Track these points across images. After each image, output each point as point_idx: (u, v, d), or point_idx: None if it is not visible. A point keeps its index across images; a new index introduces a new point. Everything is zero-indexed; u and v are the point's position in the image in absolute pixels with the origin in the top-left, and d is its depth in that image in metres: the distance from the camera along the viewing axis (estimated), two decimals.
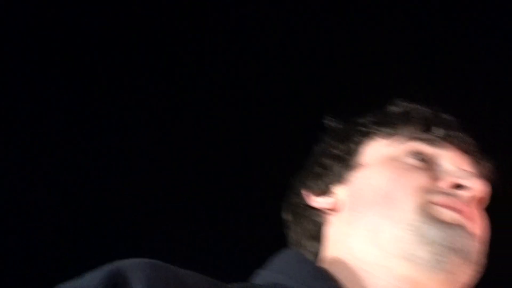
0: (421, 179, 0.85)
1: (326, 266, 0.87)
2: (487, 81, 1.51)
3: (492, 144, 0.96)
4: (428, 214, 0.82)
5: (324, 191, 0.94)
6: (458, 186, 0.85)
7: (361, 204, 0.88)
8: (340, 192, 0.92)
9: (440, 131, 0.91)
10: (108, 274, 0.63)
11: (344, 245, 0.87)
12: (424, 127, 0.92)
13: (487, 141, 0.96)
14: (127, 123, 1.51)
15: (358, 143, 0.94)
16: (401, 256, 0.81)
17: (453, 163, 0.89)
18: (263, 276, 0.86)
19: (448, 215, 0.82)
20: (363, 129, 0.95)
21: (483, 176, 0.92)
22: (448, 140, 0.91)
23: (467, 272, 0.81)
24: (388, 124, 0.93)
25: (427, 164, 0.88)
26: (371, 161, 0.91)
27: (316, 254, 0.94)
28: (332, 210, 0.92)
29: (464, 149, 0.92)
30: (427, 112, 0.94)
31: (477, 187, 0.85)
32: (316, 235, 0.94)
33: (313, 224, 0.94)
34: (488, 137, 0.98)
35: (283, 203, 1.02)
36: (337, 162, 0.94)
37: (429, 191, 0.84)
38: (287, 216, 1.01)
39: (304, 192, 0.96)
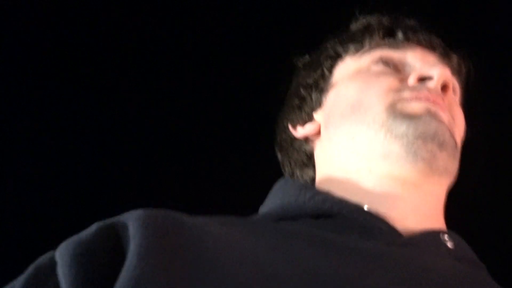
0: (387, 81, 0.87)
1: (319, 185, 0.90)
2: None
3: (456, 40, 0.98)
4: (397, 111, 0.83)
5: (306, 120, 0.97)
6: (425, 79, 0.86)
7: (335, 118, 0.90)
8: (318, 116, 0.95)
9: (402, 34, 0.93)
10: (105, 223, 0.64)
11: (330, 161, 0.90)
12: (387, 34, 0.94)
13: (452, 37, 0.98)
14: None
15: (329, 67, 0.97)
16: (378, 155, 0.82)
17: (418, 61, 0.91)
18: (263, 207, 0.89)
19: (417, 106, 0.83)
20: (331, 52, 0.97)
21: (451, 67, 0.93)
22: (411, 41, 0.93)
23: (445, 157, 0.82)
24: (352, 41, 0.96)
25: (394, 67, 0.90)
26: (341, 78, 0.94)
27: (311, 181, 0.96)
28: (316, 134, 0.94)
29: (429, 46, 0.93)
30: (387, 20, 0.96)
31: (442, 74, 0.86)
32: (307, 163, 0.97)
33: (302, 154, 0.97)
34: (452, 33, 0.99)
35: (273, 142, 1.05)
36: (312, 90, 0.97)
37: (396, 90, 0.85)
38: (278, 154, 1.04)
39: (288, 126, 0.99)
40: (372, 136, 0.83)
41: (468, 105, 0.94)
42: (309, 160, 0.96)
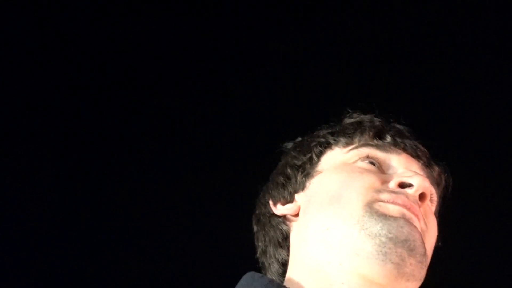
0: (370, 179, 0.91)
1: (290, 273, 0.93)
2: (437, 89, 1.57)
3: (442, 150, 1.03)
4: (374, 210, 0.87)
5: (287, 200, 1.00)
6: (405, 185, 0.91)
7: (314, 205, 0.94)
8: (300, 198, 0.98)
9: (391, 138, 0.98)
10: None
11: (303, 248, 0.93)
12: (377, 135, 0.99)
13: (437, 147, 1.03)
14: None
15: (318, 153, 1.01)
16: (350, 252, 0.86)
17: (401, 166, 0.95)
18: None
19: (393, 209, 0.87)
20: (322, 140, 1.02)
21: (431, 177, 0.98)
22: (398, 146, 0.98)
23: (413, 263, 0.85)
24: (344, 134, 1.01)
25: (378, 167, 0.94)
26: (327, 167, 0.98)
27: (283, 262, 0.99)
28: (295, 216, 0.98)
29: (414, 154, 0.98)
30: (379, 121, 1.01)
31: (421, 184, 0.90)
32: (282, 243, 0.99)
33: (279, 232, 1.00)
34: (438, 143, 1.04)
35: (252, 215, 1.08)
36: (299, 172, 1.01)
37: (377, 190, 0.90)
38: (254, 226, 1.06)
39: (269, 202, 1.02)
40: (346, 231, 0.87)
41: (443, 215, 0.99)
42: (284, 241, 0.99)
